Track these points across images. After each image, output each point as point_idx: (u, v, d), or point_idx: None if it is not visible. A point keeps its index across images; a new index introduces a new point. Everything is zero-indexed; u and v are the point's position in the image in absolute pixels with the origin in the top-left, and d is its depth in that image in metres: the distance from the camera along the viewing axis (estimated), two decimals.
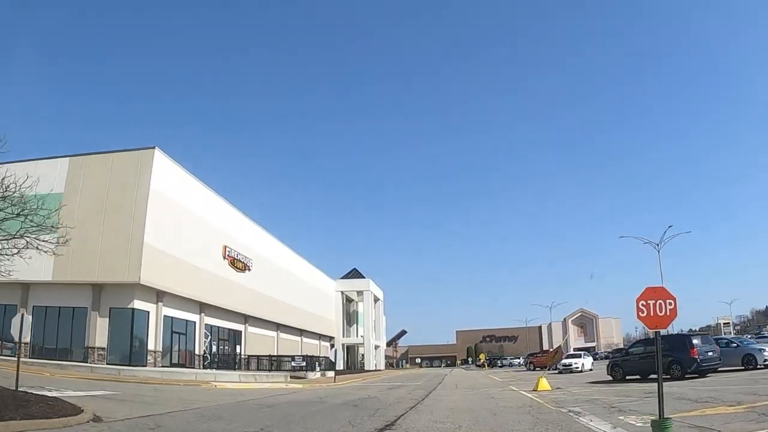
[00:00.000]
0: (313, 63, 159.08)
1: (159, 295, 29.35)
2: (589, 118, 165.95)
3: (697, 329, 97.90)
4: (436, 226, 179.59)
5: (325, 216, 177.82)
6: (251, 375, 26.17)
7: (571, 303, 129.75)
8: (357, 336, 73.32)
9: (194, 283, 32.04)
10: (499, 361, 76.77)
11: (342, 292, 69.29)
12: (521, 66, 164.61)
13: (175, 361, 31.10)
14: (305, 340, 54.98)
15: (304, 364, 32.89)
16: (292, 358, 33.94)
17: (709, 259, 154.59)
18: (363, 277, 71.83)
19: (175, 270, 30.10)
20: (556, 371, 34.86)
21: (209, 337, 34.86)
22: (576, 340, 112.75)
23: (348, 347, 72.32)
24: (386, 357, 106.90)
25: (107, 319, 27.77)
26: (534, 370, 44.89)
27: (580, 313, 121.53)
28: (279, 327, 47.22)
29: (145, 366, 27.38)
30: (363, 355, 71.79)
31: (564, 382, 22.00)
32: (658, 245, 50.47)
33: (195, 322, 33.26)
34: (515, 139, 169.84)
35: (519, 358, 75.55)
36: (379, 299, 78.16)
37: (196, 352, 33.02)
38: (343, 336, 69.51)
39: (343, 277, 71.42)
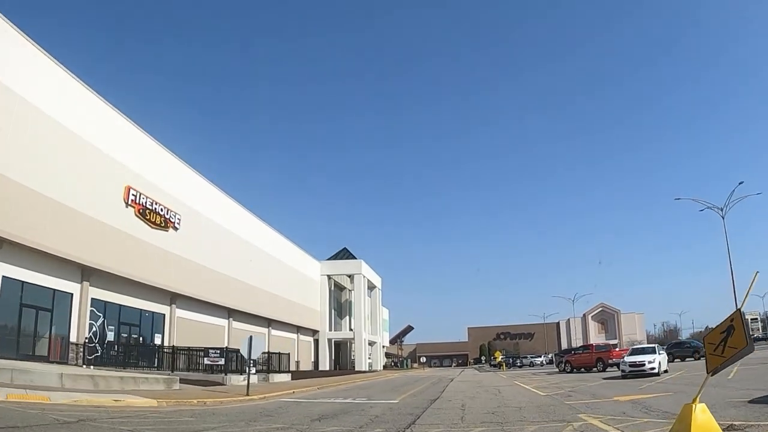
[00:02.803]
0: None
1: None
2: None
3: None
4: (442, 216, 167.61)
5: (324, 207, 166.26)
6: (91, 376, 14.93)
7: (595, 295, 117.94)
8: (349, 330, 62.01)
9: (68, 234, 21.03)
10: (518, 361, 62.53)
11: (329, 276, 57.89)
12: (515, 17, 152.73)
13: (28, 351, 20.06)
14: (275, 332, 43.73)
15: (222, 361, 21.39)
16: (206, 352, 22.35)
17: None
18: (354, 258, 60.44)
19: (27, 208, 19.17)
20: (621, 374, 23.39)
21: (101, 319, 23.74)
22: (597, 337, 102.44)
23: (337, 343, 61.05)
24: (390, 356, 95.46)
25: None
26: (571, 371, 33.22)
27: (600, 308, 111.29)
28: (231, 313, 36.03)
29: None
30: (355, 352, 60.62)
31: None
32: (722, 209, 39.41)
33: (72, 294, 22.13)
34: (528, 121, 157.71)
35: (541, 357, 63.59)
36: (375, 287, 66.85)
37: (73, 339, 21.92)
38: (331, 329, 58.28)
39: (329, 259, 60.02)
